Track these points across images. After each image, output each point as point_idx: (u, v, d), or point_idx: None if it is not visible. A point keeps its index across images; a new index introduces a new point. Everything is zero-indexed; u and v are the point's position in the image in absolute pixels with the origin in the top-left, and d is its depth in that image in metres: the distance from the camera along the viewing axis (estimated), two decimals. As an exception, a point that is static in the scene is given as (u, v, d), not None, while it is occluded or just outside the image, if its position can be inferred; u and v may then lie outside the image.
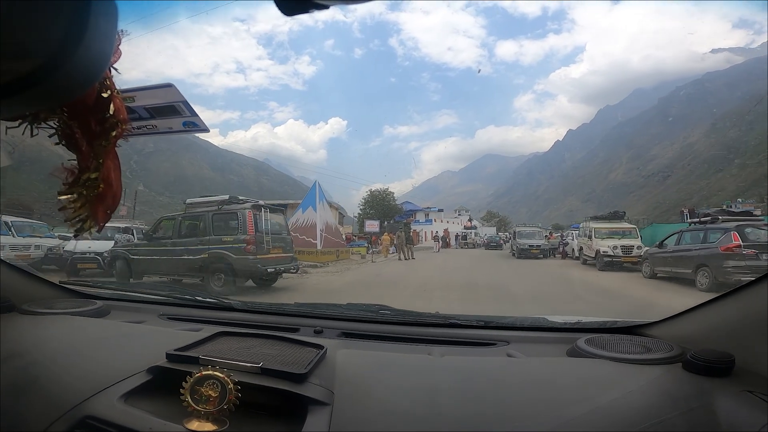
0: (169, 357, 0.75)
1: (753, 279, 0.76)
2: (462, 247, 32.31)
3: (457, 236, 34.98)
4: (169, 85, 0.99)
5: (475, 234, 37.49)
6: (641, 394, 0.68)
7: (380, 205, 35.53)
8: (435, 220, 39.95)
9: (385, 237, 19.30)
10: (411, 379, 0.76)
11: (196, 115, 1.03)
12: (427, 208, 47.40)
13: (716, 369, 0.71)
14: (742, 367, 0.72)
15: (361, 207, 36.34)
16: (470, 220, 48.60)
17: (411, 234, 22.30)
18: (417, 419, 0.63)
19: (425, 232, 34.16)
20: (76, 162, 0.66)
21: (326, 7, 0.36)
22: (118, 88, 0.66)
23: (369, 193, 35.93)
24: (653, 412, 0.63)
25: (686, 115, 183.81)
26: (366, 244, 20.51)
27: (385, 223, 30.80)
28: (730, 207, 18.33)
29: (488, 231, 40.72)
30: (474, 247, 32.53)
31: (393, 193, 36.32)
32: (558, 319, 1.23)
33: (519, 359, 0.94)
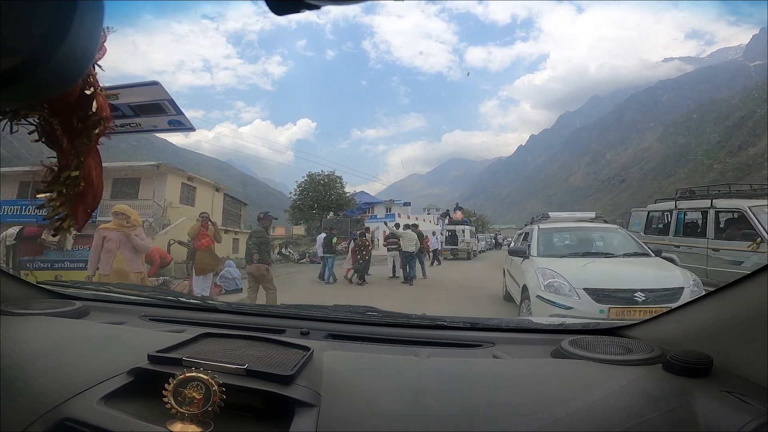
0: (151, 358, 0.73)
1: (732, 281, 0.77)
2: (447, 258, 16.78)
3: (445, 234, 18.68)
4: (154, 83, 0.98)
5: (470, 233, 18.95)
6: (623, 394, 0.70)
7: (322, 194, 25.38)
8: (399, 216, 22.60)
9: (199, 232, 5.70)
10: (398, 380, 0.77)
11: (182, 114, 1.02)
12: (390, 200, 33.35)
13: (695, 370, 0.73)
14: (720, 367, 0.73)
15: (295, 196, 26.34)
16: (459, 208, 26.34)
17: (362, 240, 9.64)
18: (404, 420, 0.64)
19: (384, 233, 12.49)
20: (56, 159, 0.64)
21: (317, 7, 0.35)
22: (101, 85, 0.65)
23: (307, 177, 25.95)
24: (634, 413, 0.64)
25: (639, 122, 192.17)
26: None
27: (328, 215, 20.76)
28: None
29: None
30: (469, 258, 17.47)
31: (341, 177, 26.19)
32: (542, 320, 1.27)
33: (504, 360, 0.96)
